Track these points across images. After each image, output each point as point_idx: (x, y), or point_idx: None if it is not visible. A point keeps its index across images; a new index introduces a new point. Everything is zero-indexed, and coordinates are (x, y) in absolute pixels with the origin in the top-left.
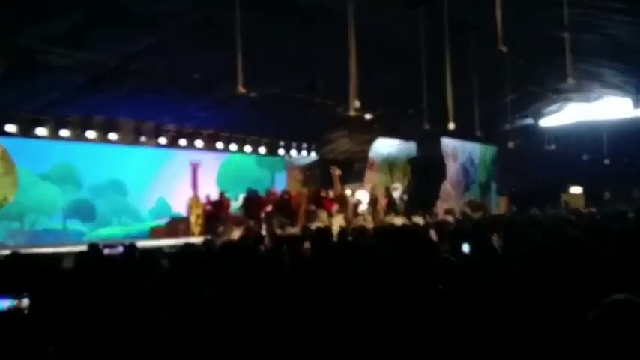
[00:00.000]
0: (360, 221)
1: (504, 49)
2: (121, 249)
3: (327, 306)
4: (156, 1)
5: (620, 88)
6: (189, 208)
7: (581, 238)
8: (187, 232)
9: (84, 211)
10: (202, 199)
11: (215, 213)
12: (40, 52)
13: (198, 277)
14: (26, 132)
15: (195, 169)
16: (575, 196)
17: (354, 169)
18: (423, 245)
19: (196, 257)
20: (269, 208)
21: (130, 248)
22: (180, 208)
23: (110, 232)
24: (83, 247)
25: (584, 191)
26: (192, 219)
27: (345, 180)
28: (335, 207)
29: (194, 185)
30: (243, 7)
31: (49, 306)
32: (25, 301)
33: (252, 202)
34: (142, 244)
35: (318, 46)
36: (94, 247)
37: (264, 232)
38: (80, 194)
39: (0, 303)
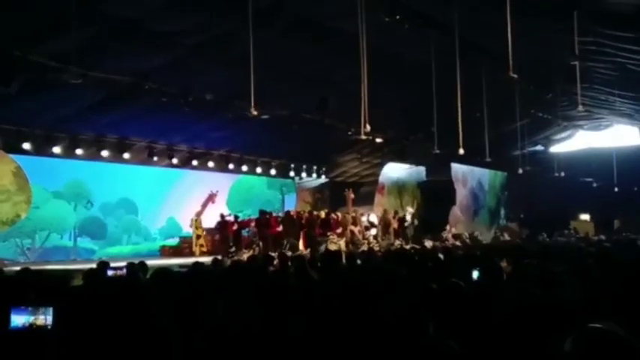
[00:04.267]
0: (371, 244)
1: (515, 75)
2: (124, 271)
3: (335, 328)
4: (170, 19)
5: (630, 117)
6: (192, 228)
7: (591, 267)
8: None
9: (94, 229)
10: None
11: (224, 234)
12: (54, 69)
13: (207, 298)
14: (40, 150)
15: (212, 198)
16: (584, 222)
17: (363, 192)
18: (433, 269)
19: (205, 277)
20: (279, 228)
21: (133, 271)
22: (189, 227)
23: (120, 250)
24: (93, 265)
25: (594, 218)
26: (194, 238)
27: (355, 203)
28: (339, 230)
29: (202, 209)
30: (256, 28)
31: (70, 323)
32: (42, 317)
33: (263, 223)
34: (151, 262)
35: (330, 68)
36: (102, 265)
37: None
38: (91, 212)
39: (17, 317)
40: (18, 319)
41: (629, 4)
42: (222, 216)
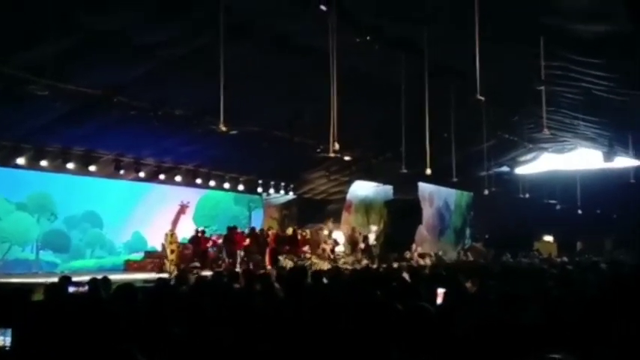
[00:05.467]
0: (338, 262)
1: (482, 98)
2: (86, 288)
3: (302, 347)
4: (144, 33)
5: (594, 141)
6: (166, 242)
7: (553, 289)
8: (162, 267)
9: (58, 242)
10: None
11: (194, 250)
12: (23, 81)
13: (170, 314)
14: (4, 161)
15: (183, 209)
16: (547, 244)
17: (331, 209)
18: (399, 289)
19: (169, 293)
20: (246, 243)
21: (95, 288)
22: (155, 242)
23: (83, 264)
24: (55, 279)
25: (557, 240)
26: (167, 253)
27: (320, 220)
28: (306, 247)
29: (175, 222)
30: (228, 43)
31: (30, 343)
32: (1, 339)
33: (230, 238)
34: (115, 277)
35: (301, 85)
36: (64, 280)
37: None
38: (55, 225)
39: None
40: None
41: (594, 32)
42: (196, 231)
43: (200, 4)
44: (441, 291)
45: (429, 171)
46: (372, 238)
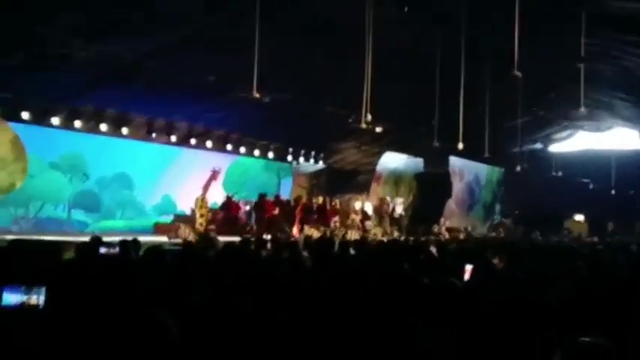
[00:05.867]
0: (369, 234)
1: (519, 74)
2: (117, 249)
3: (325, 318)
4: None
5: (631, 120)
6: (196, 207)
7: (582, 268)
8: (177, 231)
9: (89, 202)
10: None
11: (224, 215)
12: (58, 42)
13: (196, 281)
14: (39, 120)
15: (214, 175)
16: (578, 223)
17: (360, 180)
18: (426, 263)
19: (195, 259)
20: (276, 211)
21: (126, 250)
22: (184, 206)
23: (113, 224)
24: (85, 238)
25: (588, 220)
26: (197, 217)
27: (349, 190)
28: (336, 218)
29: (206, 188)
30: (263, 13)
31: (63, 302)
32: (35, 297)
33: (260, 205)
34: (144, 239)
35: (334, 57)
36: (95, 241)
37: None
38: (87, 185)
39: (9, 296)
40: (10, 298)
41: (636, 9)
42: (227, 197)
43: None
44: (468, 267)
45: (461, 145)
46: (399, 209)
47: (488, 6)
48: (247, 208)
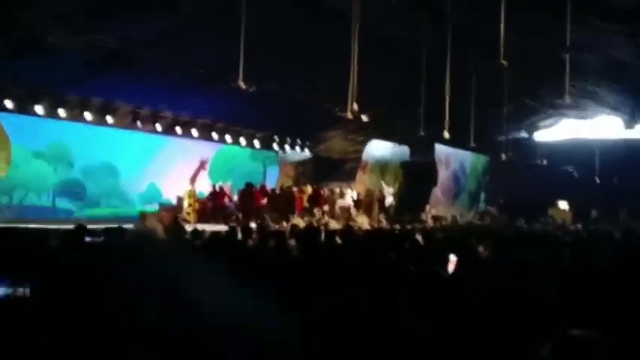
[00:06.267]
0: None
1: (505, 63)
2: (102, 238)
3: (310, 306)
4: None
5: (615, 109)
6: (184, 197)
7: (566, 258)
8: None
9: (74, 191)
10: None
11: (213, 204)
12: (44, 30)
13: (183, 271)
14: (23, 108)
15: (203, 165)
16: (562, 211)
17: (347, 168)
18: (412, 252)
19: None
20: (264, 201)
21: (111, 237)
22: (170, 194)
23: (98, 212)
24: (70, 226)
25: (572, 207)
26: (185, 206)
27: (336, 178)
28: (326, 207)
29: (194, 178)
30: (250, 2)
31: (47, 295)
32: (21, 290)
33: (247, 194)
34: (129, 227)
35: (320, 44)
36: (80, 230)
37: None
38: (71, 173)
39: None
40: None
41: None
42: (213, 186)
43: None
44: (453, 258)
45: (447, 134)
46: (390, 199)
47: None
48: (235, 197)
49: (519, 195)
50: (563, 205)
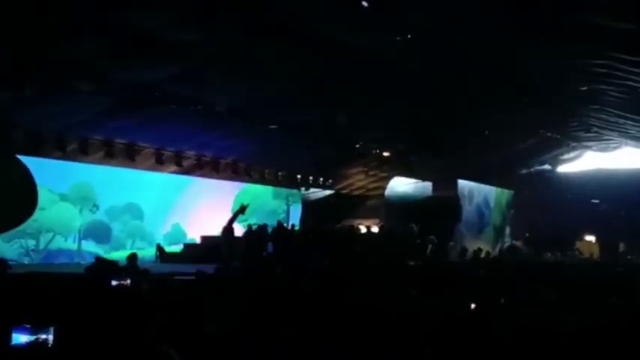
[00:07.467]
0: None
1: (525, 97)
2: (129, 281)
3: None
4: (181, 30)
5: (638, 140)
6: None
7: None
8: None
9: (99, 233)
10: None
11: None
12: (68, 74)
13: (208, 310)
14: (49, 152)
15: (242, 209)
16: (589, 243)
17: (369, 205)
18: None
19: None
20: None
21: (137, 281)
22: (194, 234)
23: (124, 254)
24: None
25: (599, 240)
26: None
27: (359, 215)
28: None
29: (231, 221)
30: (267, 39)
31: (73, 341)
32: (44, 336)
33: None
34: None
35: (341, 81)
36: (100, 262)
37: None
38: (97, 215)
39: (18, 335)
40: (20, 337)
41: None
42: (250, 227)
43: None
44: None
45: (468, 169)
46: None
47: (491, 28)
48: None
49: (545, 228)
50: (589, 237)
